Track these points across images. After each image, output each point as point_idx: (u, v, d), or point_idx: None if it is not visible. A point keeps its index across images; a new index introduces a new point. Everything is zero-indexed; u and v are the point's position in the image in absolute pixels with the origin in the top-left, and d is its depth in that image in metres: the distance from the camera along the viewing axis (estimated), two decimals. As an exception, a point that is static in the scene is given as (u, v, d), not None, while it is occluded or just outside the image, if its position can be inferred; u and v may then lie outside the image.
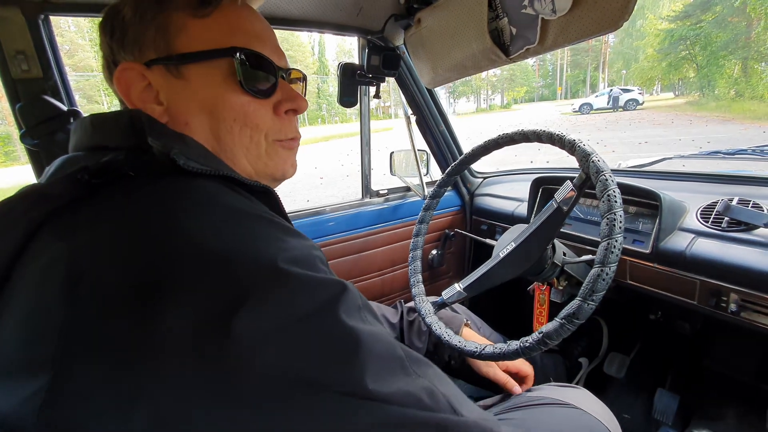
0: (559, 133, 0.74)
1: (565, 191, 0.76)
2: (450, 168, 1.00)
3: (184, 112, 0.43)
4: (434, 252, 1.39)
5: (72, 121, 0.79)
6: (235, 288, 0.28)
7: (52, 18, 0.80)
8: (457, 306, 1.05)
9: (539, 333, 0.65)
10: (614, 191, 0.64)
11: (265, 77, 0.46)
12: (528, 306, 1.10)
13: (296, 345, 0.28)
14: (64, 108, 0.79)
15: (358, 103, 1.17)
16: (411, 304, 0.93)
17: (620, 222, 0.62)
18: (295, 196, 6.86)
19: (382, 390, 0.29)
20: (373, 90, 1.18)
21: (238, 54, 0.43)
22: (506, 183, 1.41)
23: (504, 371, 0.87)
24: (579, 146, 0.71)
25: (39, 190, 0.33)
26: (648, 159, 1.25)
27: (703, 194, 0.95)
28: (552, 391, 0.76)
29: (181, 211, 0.31)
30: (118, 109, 0.46)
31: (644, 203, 0.97)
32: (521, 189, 1.28)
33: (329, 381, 0.28)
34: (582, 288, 0.63)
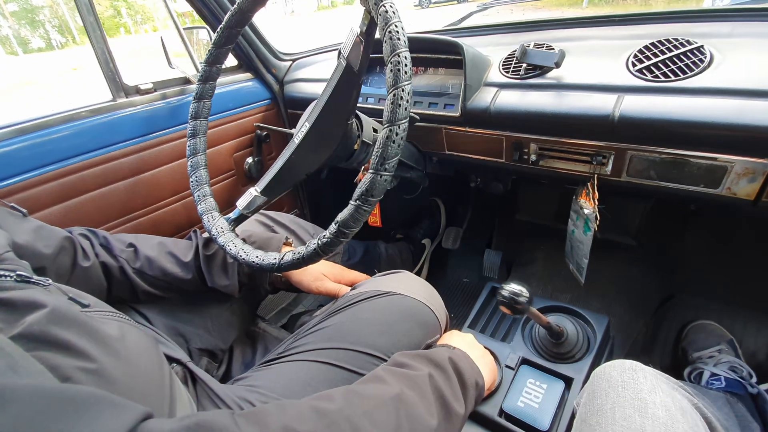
0: None
1: (350, 42, 0.59)
2: (216, 36, 0.73)
3: None
4: (250, 160, 1.14)
5: None
6: None
7: None
8: (297, 221, 0.90)
9: (335, 223, 0.52)
10: (397, 25, 0.48)
11: None
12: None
13: None
14: None
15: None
16: None
17: (406, 66, 0.48)
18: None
19: None
20: None
21: None
22: (319, 62, 1.17)
23: (336, 282, 0.77)
24: None
25: None
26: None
27: (506, 46, 0.89)
28: (373, 283, 0.71)
29: None
30: None
31: (451, 61, 0.86)
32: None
33: None
34: (372, 157, 0.50)
